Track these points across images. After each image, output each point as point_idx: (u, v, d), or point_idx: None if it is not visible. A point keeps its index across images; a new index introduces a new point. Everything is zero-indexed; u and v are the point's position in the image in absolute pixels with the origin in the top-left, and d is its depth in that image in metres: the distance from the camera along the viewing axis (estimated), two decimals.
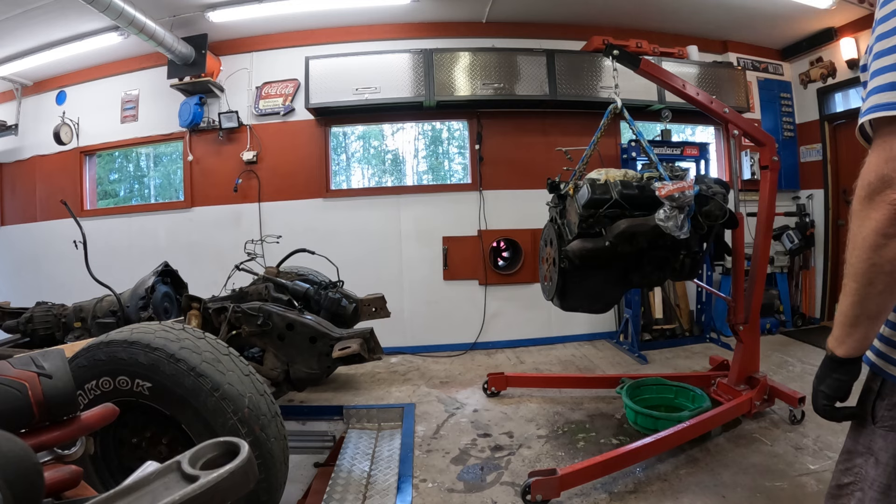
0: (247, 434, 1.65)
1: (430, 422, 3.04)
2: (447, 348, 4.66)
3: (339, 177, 5.20)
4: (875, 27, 0.84)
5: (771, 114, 5.31)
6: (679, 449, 2.49)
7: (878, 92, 0.79)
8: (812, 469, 2.29)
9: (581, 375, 3.65)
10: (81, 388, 1.66)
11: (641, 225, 2.23)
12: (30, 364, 0.62)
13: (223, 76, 4.82)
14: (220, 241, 4.71)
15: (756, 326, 2.89)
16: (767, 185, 2.78)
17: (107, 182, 5.61)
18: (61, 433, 0.62)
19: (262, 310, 2.76)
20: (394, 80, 4.33)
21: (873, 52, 0.83)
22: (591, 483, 2.23)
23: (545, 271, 2.71)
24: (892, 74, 0.78)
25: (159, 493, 0.42)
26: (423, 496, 2.24)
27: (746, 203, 4.72)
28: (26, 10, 3.96)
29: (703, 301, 4.72)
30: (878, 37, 0.82)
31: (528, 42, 4.70)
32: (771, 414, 2.87)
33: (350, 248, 4.52)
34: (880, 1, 0.83)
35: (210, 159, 4.87)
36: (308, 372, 2.79)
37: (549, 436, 2.79)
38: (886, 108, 0.77)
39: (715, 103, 2.75)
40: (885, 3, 0.82)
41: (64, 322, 3.08)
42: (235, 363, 1.79)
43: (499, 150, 4.78)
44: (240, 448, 0.46)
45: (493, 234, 4.73)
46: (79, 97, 5.17)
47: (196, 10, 4.27)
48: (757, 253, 2.85)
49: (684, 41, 4.74)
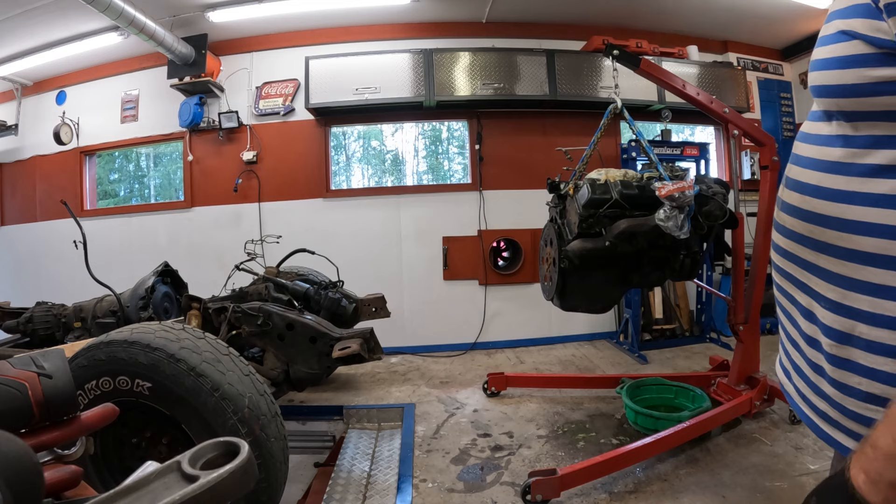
0: (247, 434, 1.65)
1: (430, 422, 3.04)
2: (447, 348, 4.66)
3: (339, 177, 5.20)
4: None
5: (771, 114, 5.31)
6: (679, 449, 2.49)
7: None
8: (812, 469, 2.28)
9: (581, 375, 3.65)
10: (81, 388, 1.66)
11: (641, 225, 2.23)
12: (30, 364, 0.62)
13: (223, 76, 4.82)
14: (220, 241, 4.71)
15: (756, 326, 2.89)
16: (767, 185, 2.77)
17: (107, 182, 5.61)
18: (61, 433, 0.62)
19: (262, 310, 2.76)
20: (394, 80, 4.33)
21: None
22: (591, 483, 2.22)
23: (545, 271, 2.71)
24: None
25: (159, 493, 0.42)
26: (423, 496, 2.24)
27: (746, 203, 4.72)
28: (26, 10, 3.96)
29: (703, 301, 4.72)
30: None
31: (528, 42, 4.70)
32: (771, 414, 2.87)
33: (350, 248, 4.52)
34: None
35: (210, 159, 4.87)
36: (308, 372, 2.79)
37: (549, 436, 2.79)
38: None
39: (715, 103, 2.75)
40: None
41: (64, 322, 3.08)
42: (235, 363, 1.79)
43: (499, 150, 4.78)
44: (240, 448, 0.46)
45: (493, 234, 4.73)
46: (79, 97, 5.17)
47: (196, 10, 4.27)
48: (757, 253, 2.85)
49: (684, 41, 4.73)
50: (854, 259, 0.70)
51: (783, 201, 0.85)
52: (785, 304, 0.88)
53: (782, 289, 0.88)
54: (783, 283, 0.87)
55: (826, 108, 0.76)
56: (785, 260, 0.85)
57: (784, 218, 0.84)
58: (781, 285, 0.88)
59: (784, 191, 0.85)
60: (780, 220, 0.86)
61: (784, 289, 0.87)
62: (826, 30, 0.74)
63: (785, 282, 0.86)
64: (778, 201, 0.87)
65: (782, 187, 0.86)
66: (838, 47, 0.70)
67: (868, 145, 0.69)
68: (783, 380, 0.92)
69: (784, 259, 0.85)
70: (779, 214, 0.86)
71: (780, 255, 0.86)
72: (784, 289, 0.87)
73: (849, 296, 0.71)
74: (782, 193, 0.85)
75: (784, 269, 0.86)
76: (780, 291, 0.89)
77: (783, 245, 0.85)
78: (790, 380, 0.89)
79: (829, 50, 0.72)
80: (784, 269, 0.86)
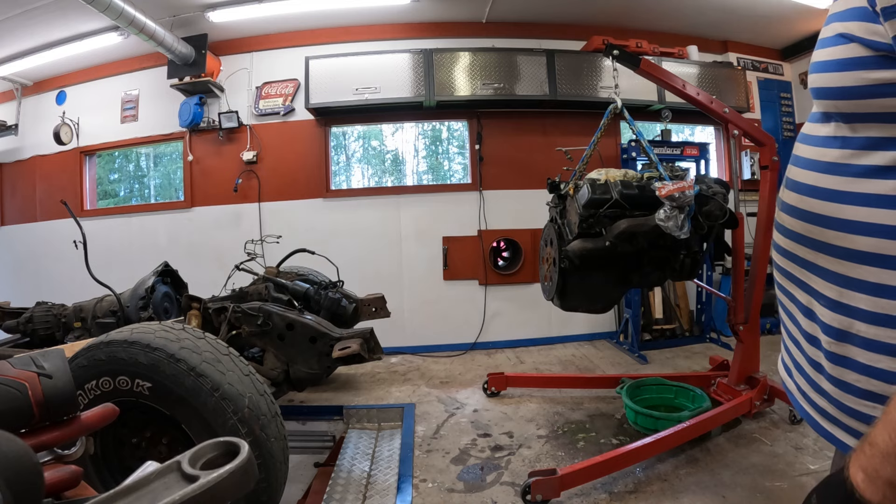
0: (247, 434, 1.65)
1: (430, 422, 3.04)
2: (447, 348, 4.66)
3: (339, 177, 5.20)
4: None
5: (771, 114, 5.31)
6: (679, 449, 2.49)
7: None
8: (812, 469, 2.28)
9: (581, 375, 3.65)
10: (81, 388, 1.66)
11: (641, 225, 2.23)
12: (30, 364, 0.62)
13: (223, 76, 4.82)
14: (220, 241, 4.71)
15: (756, 326, 2.89)
16: (767, 185, 2.77)
17: (107, 182, 5.61)
18: (61, 433, 0.62)
19: (262, 310, 2.76)
20: (394, 80, 4.33)
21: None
22: (591, 483, 2.22)
23: (545, 271, 2.71)
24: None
25: (159, 493, 0.42)
26: (423, 496, 2.24)
27: (746, 203, 4.72)
28: (26, 10, 3.96)
29: (703, 301, 4.72)
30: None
31: (528, 42, 4.70)
32: (771, 414, 2.87)
33: (350, 247, 4.52)
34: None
35: (210, 159, 4.87)
36: (308, 372, 2.79)
37: (549, 436, 2.79)
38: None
39: (715, 103, 2.75)
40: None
41: (64, 322, 3.08)
42: (235, 363, 1.79)
43: (499, 150, 4.78)
44: (240, 448, 0.46)
45: (493, 234, 4.73)
46: (79, 97, 5.17)
47: (196, 10, 4.27)
48: (757, 253, 2.85)
49: (684, 41, 4.73)
50: (852, 258, 0.70)
51: (783, 201, 0.86)
52: (786, 303, 0.89)
53: (783, 287, 0.88)
54: (784, 282, 0.88)
55: (825, 110, 0.77)
56: (785, 259, 0.85)
57: (784, 218, 0.85)
58: (782, 284, 0.88)
59: (784, 191, 0.86)
60: (780, 220, 0.87)
61: (785, 287, 0.88)
62: (825, 32, 0.75)
63: (785, 281, 0.87)
64: (778, 202, 0.88)
65: (782, 188, 0.87)
66: (837, 50, 0.71)
67: (865, 146, 0.69)
68: (784, 377, 0.93)
69: (784, 258, 0.86)
70: (779, 214, 0.87)
71: (781, 255, 0.87)
72: (785, 287, 0.88)
73: (847, 294, 0.71)
74: (782, 194, 0.86)
75: (784, 269, 0.86)
76: (780, 290, 0.90)
77: (783, 244, 0.86)
78: (791, 377, 0.89)
79: (827, 52, 0.73)
80: (784, 269, 0.86)
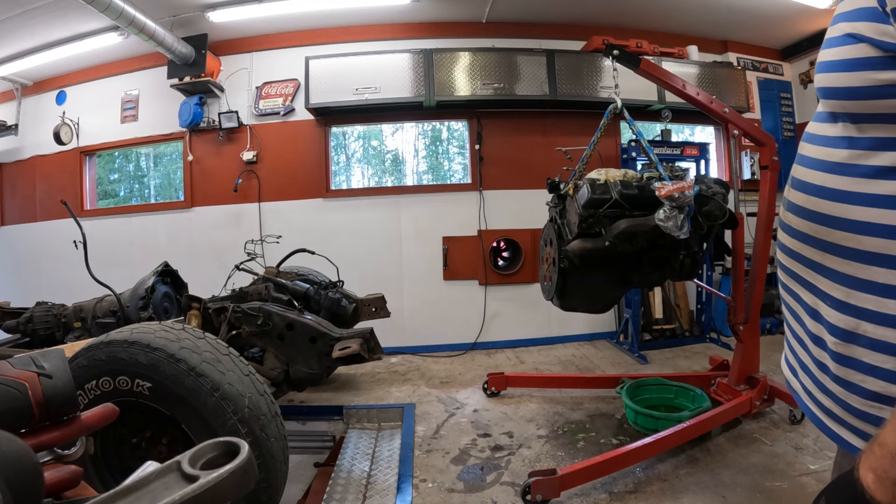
0: (247, 434, 1.65)
1: (430, 422, 3.04)
2: (447, 348, 4.66)
3: (339, 177, 5.20)
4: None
5: (771, 114, 5.31)
6: (679, 449, 2.49)
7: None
8: (812, 469, 2.28)
9: (581, 375, 3.65)
10: (81, 388, 1.66)
11: (641, 225, 2.23)
12: (30, 364, 0.62)
13: (223, 76, 4.82)
14: (220, 241, 4.70)
15: (756, 326, 2.89)
16: (767, 185, 2.78)
17: (107, 182, 5.61)
18: (61, 433, 0.62)
19: (262, 310, 2.76)
20: (394, 80, 4.33)
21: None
22: (591, 483, 2.22)
23: (545, 271, 2.71)
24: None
25: (159, 493, 0.42)
26: (423, 496, 2.24)
27: (746, 203, 4.72)
28: (26, 10, 3.96)
29: (703, 301, 4.72)
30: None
31: (527, 42, 4.70)
32: (771, 414, 2.87)
33: (350, 248, 4.52)
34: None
35: (210, 159, 4.87)
36: (308, 372, 2.79)
37: (549, 436, 2.79)
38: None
39: (715, 103, 2.75)
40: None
41: (64, 322, 3.08)
42: (235, 363, 1.79)
43: (499, 150, 4.78)
44: (240, 448, 0.46)
45: (493, 234, 4.73)
46: (79, 97, 5.17)
47: (196, 10, 4.27)
48: (757, 253, 2.85)
49: (684, 41, 4.73)
50: (859, 259, 0.70)
51: (789, 201, 0.85)
52: (791, 303, 0.88)
53: (788, 288, 0.88)
54: (789, 283, 0.87)
55: (832, 110, 0.77)
56: (791, 259, 0.85)
57: (790, 218, 0.84)
58: (787, 284, 0.88)
59: (790, 191, 0.85)
60: (785, 220, 0.86)
61: (790, 288, 0.87)
62: (832, 32, 0.74)
63: (791, 281, 0.86)
64: (784, 201, 0.87)
65: (788, 187, 0.86)
66: (844, 50, 0.70)
67: (872, 147, 0.69)
68: (789, 377, 0.93)
69: (790, 258, 0.85)
70: (784, 214, 0.86)
71: (786, 255, 0.87)
72: (790, 288, 0.87)
73: (854, 295, 0.71)
74: (788, 193, 0.86)
75: (790, 269, 0.86)
76: (786, 290, 0.89)
77: (789, 245, 0.85)
78: (796, 377, 0.89)
79: (835, 52, 0.73)
80: (790, 269, 0.86)
